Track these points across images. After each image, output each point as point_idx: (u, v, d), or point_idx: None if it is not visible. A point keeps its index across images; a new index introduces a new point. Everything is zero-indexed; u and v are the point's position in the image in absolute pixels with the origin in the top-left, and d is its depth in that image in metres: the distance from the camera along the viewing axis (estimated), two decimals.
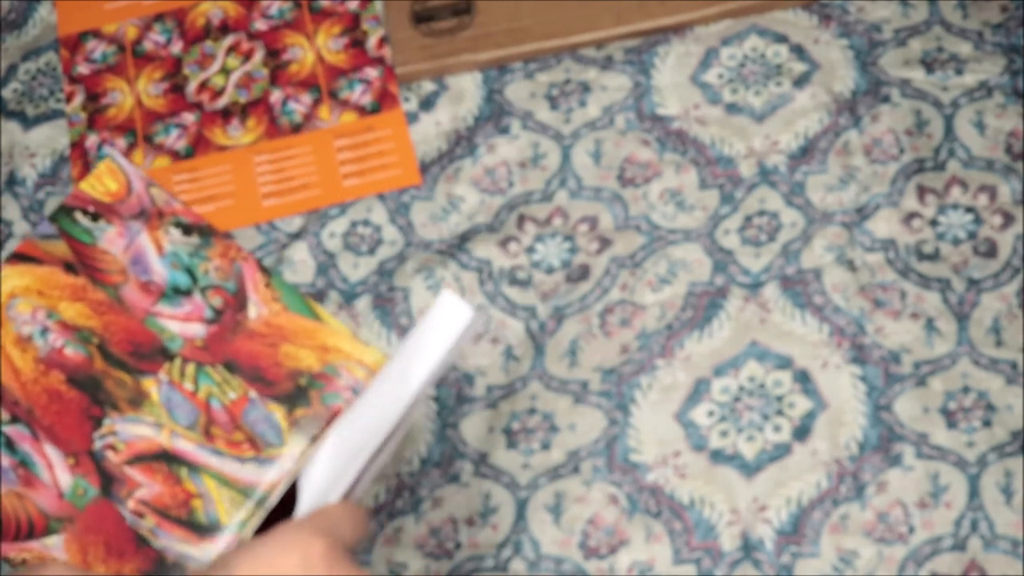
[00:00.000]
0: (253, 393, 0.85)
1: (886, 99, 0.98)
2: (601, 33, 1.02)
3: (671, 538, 0.86)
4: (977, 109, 0.96)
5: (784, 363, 0.90)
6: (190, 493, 0.77)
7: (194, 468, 0.83)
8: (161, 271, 0.88)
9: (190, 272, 0.88)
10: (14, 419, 0.84)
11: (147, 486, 0.78)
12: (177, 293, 0.87)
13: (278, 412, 0.85)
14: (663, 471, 0.88)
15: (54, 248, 0.88)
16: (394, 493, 0.89)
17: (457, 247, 0.96)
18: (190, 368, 0.86)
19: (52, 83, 1.07)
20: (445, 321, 0.73)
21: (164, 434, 0.84)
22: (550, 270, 0.95)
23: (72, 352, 0.86)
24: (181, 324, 0.87)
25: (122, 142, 1.03)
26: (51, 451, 0.84)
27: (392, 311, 0.94)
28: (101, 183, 0.89)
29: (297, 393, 0.86)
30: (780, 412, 0.89)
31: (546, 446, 0.90)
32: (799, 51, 1.00)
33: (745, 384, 0.90)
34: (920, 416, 0.88)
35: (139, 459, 0.82)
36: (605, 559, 0.86)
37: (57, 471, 0.82)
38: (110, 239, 0.88)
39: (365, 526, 0.71)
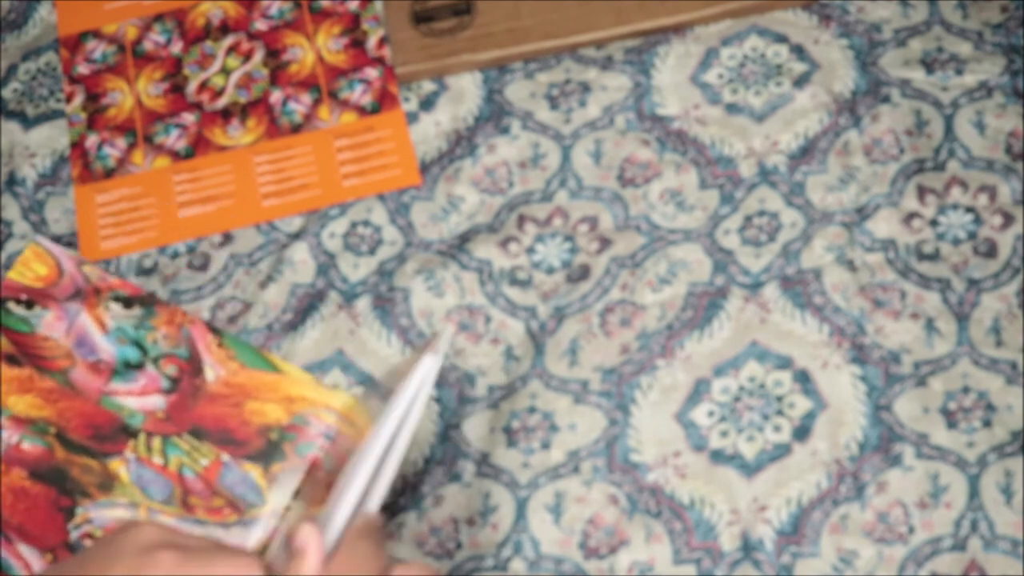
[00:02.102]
0: (226, 456, 0.83)
1: (886, 99, 0.98)
2: (601, 33, 1.02)
3: (671, 538, 0.86)
4: (977, 109, 0.96)
5: (784, 363, 0.90)
6: None
7: None
8: (108, 348, 0.85)
9: (138, 344, 0.85)
10: None
11: None
12: (129, 368, 0.85)
13: (254, 471, 0.83)
14: (663, 471, 0.88)
15: None
16: (398, 491, 0.89)
17: (457, 247, 0.96)
18: (156, 442, 0.83)
19: (52, 83, 1.07)
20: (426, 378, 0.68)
21: (142, 513, 0.81)
22: (550, 270, 0.95)
23: (30, 446, 0.83)
24: (139, 399, 0.84)
25: (122, 142, 1.03)
26: (26, 551, 0.80)
27: (392, 311, 0.95)
28: (30, 269, 0.87)
29: (270, 449, 0.84)
30: (780, 412, 0.89)
31: (546, 445, 0.90)
32: (799, 51, 1.00)
33: (745, 384, 0.90)
34: (920, 416, 0.88)
35: None
36: (605, 559, 0.86)
37: (36, 571, 0.79)
38: (49, 324, 0.85)
39: None
